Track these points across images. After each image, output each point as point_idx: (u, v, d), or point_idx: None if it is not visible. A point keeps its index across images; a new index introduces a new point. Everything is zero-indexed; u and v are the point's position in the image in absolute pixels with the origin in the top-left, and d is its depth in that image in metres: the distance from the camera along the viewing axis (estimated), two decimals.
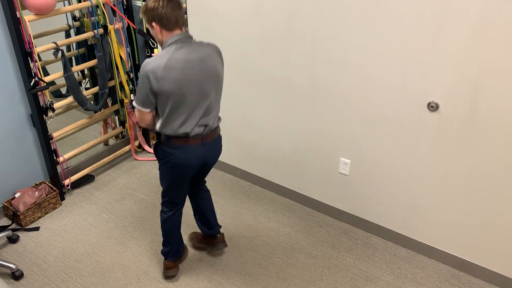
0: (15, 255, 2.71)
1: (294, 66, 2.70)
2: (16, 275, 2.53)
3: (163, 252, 2.49)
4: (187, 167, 2.18)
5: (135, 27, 2.94)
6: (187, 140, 2.12)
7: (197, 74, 2.00)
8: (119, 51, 3.22)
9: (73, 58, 3.25)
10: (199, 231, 2.82)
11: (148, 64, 1.95)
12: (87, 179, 3.39)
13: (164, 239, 2.45)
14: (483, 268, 2.54)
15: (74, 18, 3.17)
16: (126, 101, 3.43)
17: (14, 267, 2.53)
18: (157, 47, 2.33)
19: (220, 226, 2.65)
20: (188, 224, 2.96)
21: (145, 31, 3.11)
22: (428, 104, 2.31)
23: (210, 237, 2.67)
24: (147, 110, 2.05)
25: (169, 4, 1.96)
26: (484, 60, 2.08)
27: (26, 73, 2.71)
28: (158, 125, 2.12)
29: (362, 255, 2.74)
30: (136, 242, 2.81)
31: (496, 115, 2.15)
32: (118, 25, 3.15)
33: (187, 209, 3.08)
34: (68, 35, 3.17)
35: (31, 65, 2.72)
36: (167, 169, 2.23)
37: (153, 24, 2.00)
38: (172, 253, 2.48)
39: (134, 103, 2.07)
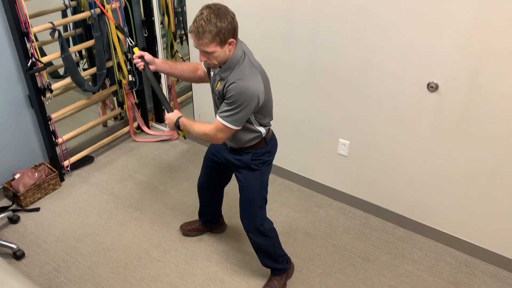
0: (16, 236, 2.73)
1: (293, 48, 2.68)
2: (18, 255, 2.56)
3: (283, 268, 2.37)
4: (275, 153, 2.18)
5: (113, 21, 2.88)
6: (271, 128, 2.11)
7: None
8: (117, 32, 3.19)
9: (70, 38, 3.22)
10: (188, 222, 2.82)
11: (250, 87, 1.81)
12: (87, 160, 3.39)
13: (279, 252, 2.32)
14: (480, 247, 2.57)
15: None
16: (124, 82, 3.41)
17: (15, 247, 2.56)
18: (136, 46, 2.21)
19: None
20: (187, 214, 2.97)
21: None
22: (428, 84, 2.30)
23: (213, 223, 2.71)
24: (239, 128, 1.92)
25: None
26: (485, 40, 2.06)
27: (23, 54, 2.68)
28: (249, 135, 2.01)
29: (360, 234, 2.76)
30: (136, 223, 2.83)
31: (496, 95, 2.15)
32: (115, 4, 3.11)
33: (186, 200, 3.09)
34: (64, 15, 3.14)
35: (28, 45, 2.69)
36: (268, 170, 2.16)
37: (231, 40, 1.78)
38: (287, 258, 2.40)
39: (227, 124, 1.87)
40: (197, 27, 1.72)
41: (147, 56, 2.15)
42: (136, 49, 2.18)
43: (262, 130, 2.02)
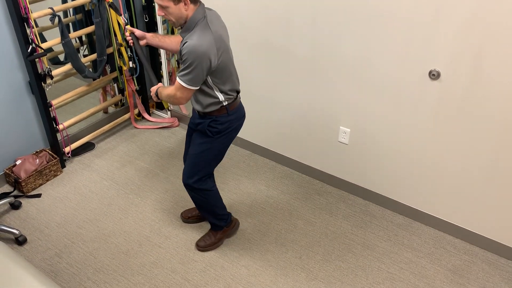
0: (18, 221, 2.75)
1: (294, 35, 2.66)
2: (20, 240, 2.58)
3: (220, 225, 2.55)
4: (238, 129, 2.27)
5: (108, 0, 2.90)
6: (237, 101, 2.20)
7: (226, 37, 2.08)
8: (117, 17, 3.16)
9: (70, 24, 3.20)
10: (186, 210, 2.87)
11: (199, 46, 1.88)
12: (87, 146, 3.40)
13: (218, 211, 2.50)
14: (479, 235, 2.58)
15: None
16: (124, 68, 3.40)
17: (17, 232, 2.58)
18: (128, 24, 2.32)
19: None
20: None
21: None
22: (430, 72, 2.29)
23: None
24: (196, 88, 2.01)
25: None
26: (487, 28, 2.05)
27: (23, 40, 2.67)
28: (208, 99, 2.11)
29: (360, 222, 2.78)
30: (137, 209, 2.85)
31: (497, 83, 2.14)
32: None
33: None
34: (64, 1, 3.11)
35: (28, 31, 2.67)
36: (222, 142, 2.25)
37: (186, 0, 1.90)
38: (226, 218, 2.57)
39: (183, 84, 1.97)
40: None
41: (137, 32, 2.26)
42: (128, 27, 2.28)
43: (221, 96, 2.11)
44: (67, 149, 3.21)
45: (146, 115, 3.74)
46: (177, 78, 1.99)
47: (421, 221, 2.77)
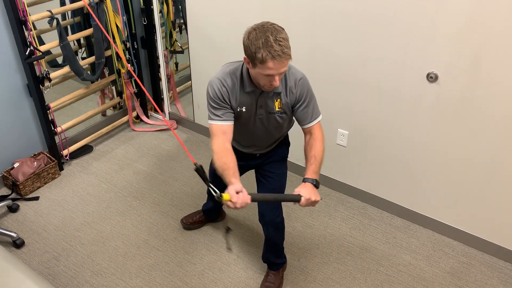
0: (16, 224, 2.74)
1: (293, 35, 2.66)
2: (17, 243, 2.57)
3: (284, 262, 2.40)
4: None
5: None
6: None
7: None
8: (115, 20, 3.17)
9: (68, 27, 3.20)
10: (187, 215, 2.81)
11: (304, 75, 1.91)
12: (86, 149, 3.39)
13: (283, 245, 2.34)
14: (477, 237, 2.59)
15: None
16: (123, 71, 3.40)
17: (15, 235, 2.57)
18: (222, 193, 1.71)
19: None
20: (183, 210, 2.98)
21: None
22: (428, 75, 2.30)
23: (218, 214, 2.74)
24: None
25: None
26: (485, 31, 2.05)
27: (21, 42, 2.67)
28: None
29: (358, 224, 2.78)
30: (135, 212, 2.84)
31: (495, 86, 2.14)
32: None
33: (184, 194, 3.10)
34: (63, 3, 3.11)
35: (26, 33, 2.67)
36: None
37: None
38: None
39: (320, 117, 1.96)
40: (281, 49, 1.62)
41: (238, 187, 1.72)
42: (226, 195, 1.68)
43: None
44: (65, 152, 3.21)
45: (144, 118, 3.74)
46: (316, 118, 1.92)
47: (419, 224, 2.77)
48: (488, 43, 2.07)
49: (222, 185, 1.69)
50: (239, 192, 1.66)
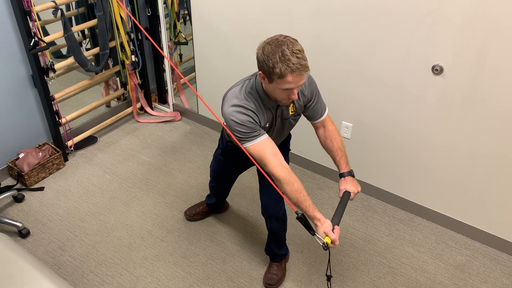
0: (21, 214, 2.76)
1: (296, 28, 2.65)
2: (23, 233, 2.60)
3: (285, 253, 2.41)
4: None
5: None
6: None
7: None
8: (119, 11, 3.16)
9: (73, 17, 3.20)
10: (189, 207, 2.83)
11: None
12: (90, 140, 3.40)
13: (285, 236, 2.33)
14: (480, 230, 2.59)
15: None
16: (127, 62, 3.40)
17: (20, 225, 2.59)
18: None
19: None
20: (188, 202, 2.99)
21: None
22: (433, 67, 2.29)
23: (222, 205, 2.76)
24: None
25: None
26: (490, 23, 2.03)
27: (26, 33, 2.67)
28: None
29: (362, 217, 2.78)
30: (139, 203, 2.86)
31: (501, 78, 2.13)
32: None
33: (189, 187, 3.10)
34: None
35: (30, 24, 2.67)
36: None
37: None
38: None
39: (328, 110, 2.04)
40: (299, 61, 1.59)
41: (327, 223, 1.72)
42: (327, 239, 1.68)
43: None
44: (69, 143, 3.22)
45: (148, 109, 3.75)
46: (325, 110, 1.99)
47: (422, 216, 2.77)
48: (494, 35, 2.05)
49: (225, 184, 1.69)
50: (332, 229, 1.70)
